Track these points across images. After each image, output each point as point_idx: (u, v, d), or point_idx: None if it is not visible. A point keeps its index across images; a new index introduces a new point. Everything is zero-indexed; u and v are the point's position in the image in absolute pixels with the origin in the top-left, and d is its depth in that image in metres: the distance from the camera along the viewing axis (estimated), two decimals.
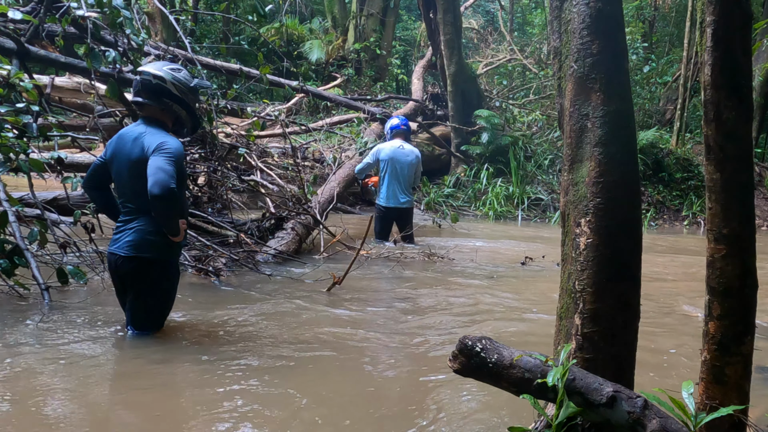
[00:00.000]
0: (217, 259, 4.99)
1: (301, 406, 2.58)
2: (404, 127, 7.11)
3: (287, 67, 11.67)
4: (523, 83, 14.43)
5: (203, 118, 5.14)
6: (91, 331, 3.32)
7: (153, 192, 2.92)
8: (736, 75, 1.60)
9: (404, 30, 18.32)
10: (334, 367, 3.09)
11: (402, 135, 7.04)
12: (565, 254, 2.06)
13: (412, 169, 6.83)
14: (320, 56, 15.09)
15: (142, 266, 3.14)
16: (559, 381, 1.75)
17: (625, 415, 1.69)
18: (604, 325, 1.93)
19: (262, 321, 3.75)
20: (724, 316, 1.68)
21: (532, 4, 18.30)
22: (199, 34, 15.49)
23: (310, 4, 18.03)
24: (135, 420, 2.43)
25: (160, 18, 12.55)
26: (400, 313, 4.21)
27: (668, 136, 11.92)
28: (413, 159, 6.84)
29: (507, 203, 10.30)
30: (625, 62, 2.02)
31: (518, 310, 4.37)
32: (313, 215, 6.15)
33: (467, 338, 1.93)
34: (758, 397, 2.24)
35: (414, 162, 6.85)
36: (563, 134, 2.10)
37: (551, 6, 2.18)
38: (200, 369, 2.90)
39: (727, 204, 1.64)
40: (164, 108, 3.25)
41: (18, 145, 3.84)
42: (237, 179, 6.15)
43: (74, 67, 5.45)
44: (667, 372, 3.15)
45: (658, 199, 10.77)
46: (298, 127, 9.52)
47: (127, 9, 4.64)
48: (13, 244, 3.83)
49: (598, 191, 1.94)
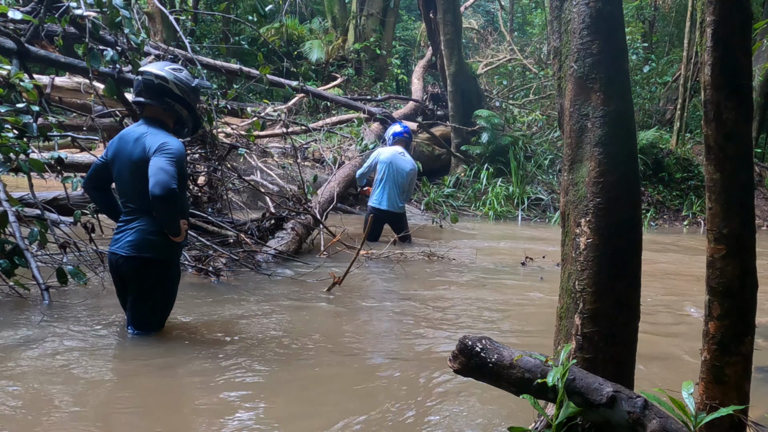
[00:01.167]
0: (217, 259, 4.99)
1: (301, 406, 2.58)
2: (406, 135, 7.16)
3: (287, 67, 11.68)
4: (523, 83, 14.42)
5: (203, 118, 5.14)
6: (91, 331, 3.32)
7: (154, 192, 2.92)
8: (736, 75, 1.60)
9: (404, 30, 18.32)
10: (334, 367, 3.09)
11: (403, 142, 7.09)
12: (565, 254, 2.06)
13: (409, 177, 6.88)
14: (320, 56, 15.08)
15: (143, 266, 3.14)
16: (559, 381, 1.75)
17: (625, 415, 1.69)
18: (604, 325, 1.93)
19: (262, 321, 3.75)
20: (724, 316, 1.68)
21: (532, 4, 18.30)
22: (199, 34, 15.48)
23: (310, 4, 18.02)
24: (136, 420, 2.43)
25: (160, 18, 12.53)
26: (401, 312, 4.21)
27: (668, 136, 11.92)
28: (411, 168, 6.92)
29: (507, 203, 10.30)
30: (625, 62, 2.02)
31: (518, 310, 4.37)
32: (313, 215, 6.15)
33: (467, 338, 1.93)
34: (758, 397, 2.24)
35: (411, 171, 6.92)
36: (563, 134, 2.10)
37: (551, 6, 2.18)
38: (201, 369, 2.90)
39: (727, 204, 1.64)
40: (166, 108, 3.26)
41: (18, 145, 3.83)
42: (237, 179, 6.14)
43: (74, 67, 5.45)
44: (667, 372, 3.15)
45: (658, 199, 10.77)
46: (298, 127, 9.52)
47: (126, 9, 4.63)
48: (13, 244, 3.83)
49: (598, 191, 1.94)
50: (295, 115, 12.26)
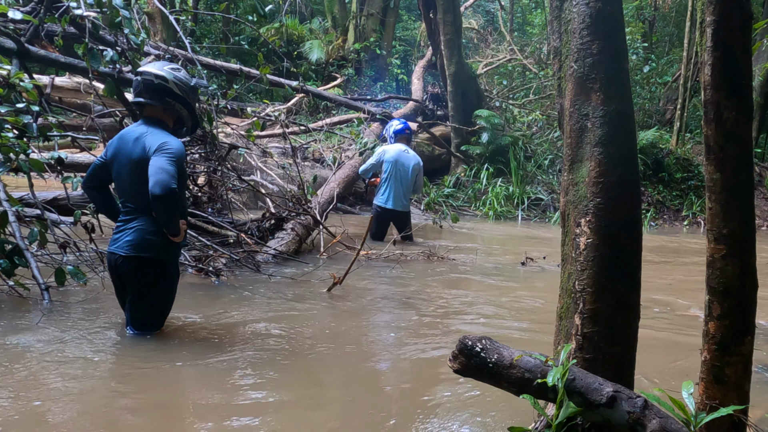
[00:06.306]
0: (217, 259, 4.99)
1: (301, 406, 2.58)
2: (408, 131, 7.18)
3: (287, 67, 11.67)
4: (523, 83, 14.42)
5: (203, 117, 5.14)
6: (90, 331, 3.32)
7: (154, 192, 2.92)
8: (736, 75, 1.60)
9: (404, 30, 18.30)
10: (334, 367, 3.09)
11: (405, 139, 7.10)
12: (565, 254, 2.06)
13: (414, 174, 6.87)
14: (320, 56, 15.09)
15: (142, 266, 3.14)
16: (559, 381, 1.75)
17: (625, 415, 1.69)
18: (604, 325, 1.93)
19: (262, 321, 3.75)
20: (724, 316, 1.68)
21: (532, 4, 18.30)
22: (199, 34, 15.48)
23: (310, 4, 18.01)
24: (135, 419, 2.43)
25: (160, 18, 12.54)
26: (401, 312, 4.21)
27: (668, 136, 11.92)
28: (416, 164, 6.92)
29: (507, 203, 10.30)
30: (625, 62, 2.02)
31: (518, 310, 4.37)
32: (313, 215, 6.15)
33: (467, 338, 1.93)
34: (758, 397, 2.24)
35: (416, 167, 6.91)
36: (563, 134, 2.10)
37: (551, 6, 2.18)
38: (200, 369, 2.90)
39: (727, 204, 1.64)
40: (166, 108, 3.26)
41: (18, 145, 3.83)
42: (237, 179, 6.14)
43: (74, 67, 5.45)
44: (667, 372, 3.15)
45: (658, 199, 10.77)
46: (297, 127, 9.52)
47: (126, 9, 4.63)
48: (13, 244, 3.83)
49: (598, 191, 1.94)
50: (295, 115, 12.26)
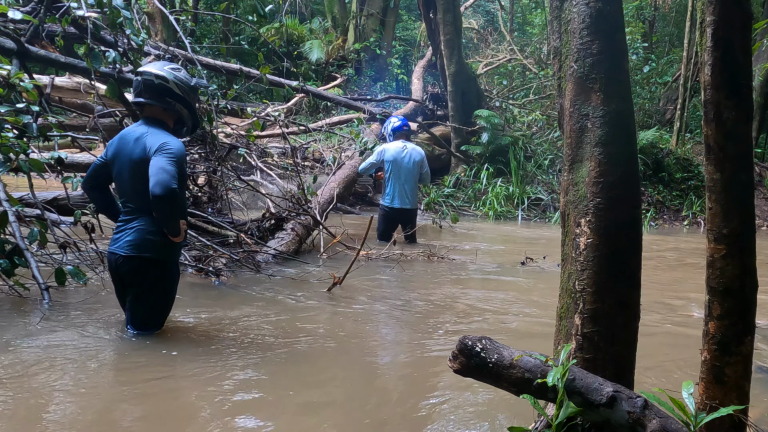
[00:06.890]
0: (217, 259, 4.99)
1: (302, 406, 2.58)
2: (406, 128, 7.19)
3: (287, 67, 11.68)
4: (523, 83, 14.42)
5: (203, 117, 5.14)
6: (90, 331, 3.32)
7: (155, 192, 2.92)
8: (736, 75, 1.60)
9: (404, 30, 18.31)
10: (334, 368, 3.09)
11: (404, 135, 7.10)
12: (565, 254, 2.06)
13: (417, 168, 6.86)
14: (320, 56, 15.09)
15: (142, 266, 3.14)
16: (559, 381, 1.75)
17: (625, 415, 1.69)
18: (604, 325, 1.93)
19: (263, 321, 3.75)
20: (724, 316, 1.68)
21: (532, 4, 18.29)
22: (199, 34, 15.48)
23: (310, 4, 18.02)
24: (135, 419, 2.43)
25: (160, 18, 12.54)
26: (401, 313, 4.21)
27: (668, 136, 11.92)
28: (417, 158, 6.88)
29: (507, 203, 10.30)
30: (625, 62, 2.01)
31: (518, 310, 4.37)
32: (313, 215, 6.15)
33: (467, 338, 1.93)
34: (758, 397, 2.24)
35: (419, 160, 6.88)
36: (563, 134, 2.10)
37: (551, 6, 2.18)
38: (200, 368, 2.90)
39: (727, 204, 1.64)
40: (167, 108, 3.26)
41: (18, 145, 3.83)
42: (237, 179, 6.14)
43: (74, 67, 5.45)
44: (667, 372, 3.15)
45: (658, 199, 10.77)
46: (297, 127, 9.52)
47: (127, 9, 4.63)
48: (13, 244, 3.83)
49: (598, 191, 1.94)
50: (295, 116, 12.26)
